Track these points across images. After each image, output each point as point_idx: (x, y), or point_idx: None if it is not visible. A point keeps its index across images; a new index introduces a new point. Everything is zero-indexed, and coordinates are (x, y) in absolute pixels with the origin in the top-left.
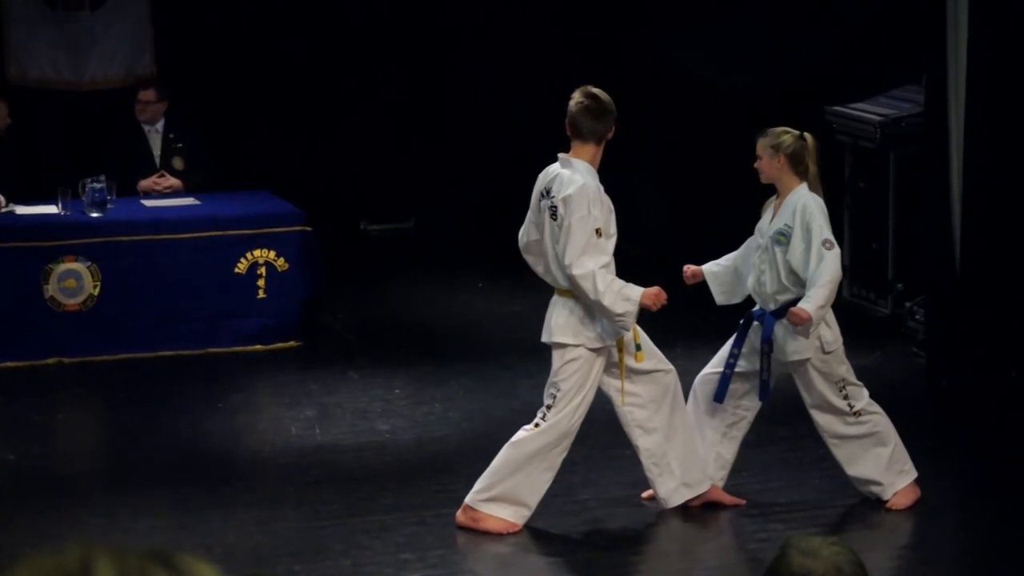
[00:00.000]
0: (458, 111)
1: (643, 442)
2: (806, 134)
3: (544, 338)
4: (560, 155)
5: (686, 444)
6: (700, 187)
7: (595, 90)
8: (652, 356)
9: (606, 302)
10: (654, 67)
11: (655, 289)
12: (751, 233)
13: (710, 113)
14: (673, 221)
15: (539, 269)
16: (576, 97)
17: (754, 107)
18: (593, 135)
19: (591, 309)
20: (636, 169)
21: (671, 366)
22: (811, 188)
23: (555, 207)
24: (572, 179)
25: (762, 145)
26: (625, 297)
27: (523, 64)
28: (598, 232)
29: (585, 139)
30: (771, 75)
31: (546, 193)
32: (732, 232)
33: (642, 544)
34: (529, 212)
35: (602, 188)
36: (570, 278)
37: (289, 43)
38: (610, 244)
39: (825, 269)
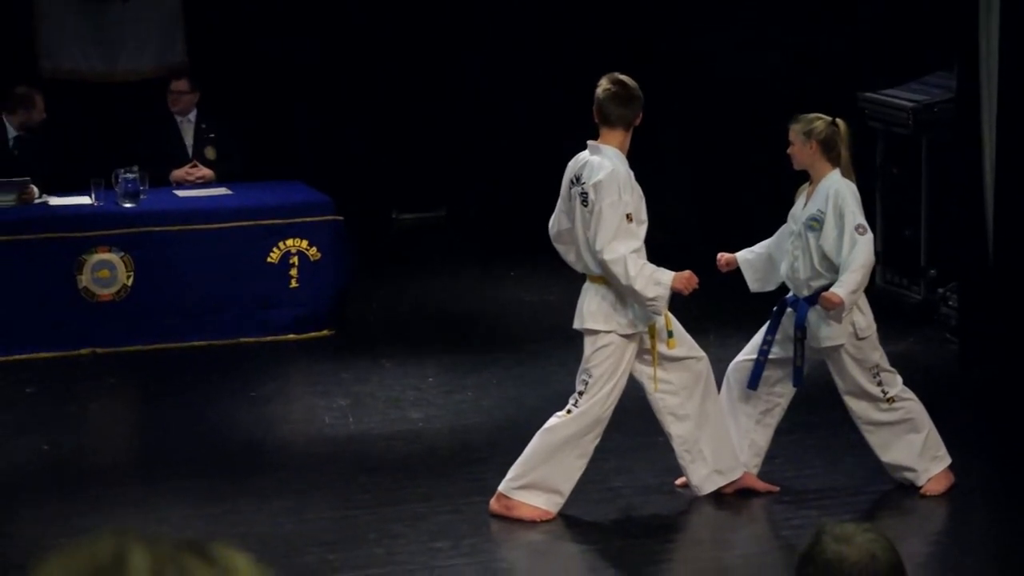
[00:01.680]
0: (489, 99)
1: (675, 429)
2: (838, 120)
3: (576, 325)
4: (589, 142)
5: (718, 431)
6: (729, 174)
7: (622, 76)
8: (684, 343)
9: (637, 287)
10: (682, 52)
11: (687, 273)
12: (780, 220)
13: (739, 100)
14: (701, 209)
15: (570, 257)
16: (603, 84)
17: (785, 93)
18: (621, 121)
19: (623, 295)
20: (663, 156)
21: (703, 353)
22: (844, 174)
23: (585, 193)
24: (602, 165)
25: (794, 131)
26: (656, 281)
27: (554, 52)
28: (629, 217)
29: (613, 125)
30: (803, 62)
31: (576, 180)
32: (760, 219)
33: (676, 532)
34: (559, 200)
35: (632, 174)
36: (601, 263)
37: (320, 33)
38: (641, 230)
39: (858, 254)
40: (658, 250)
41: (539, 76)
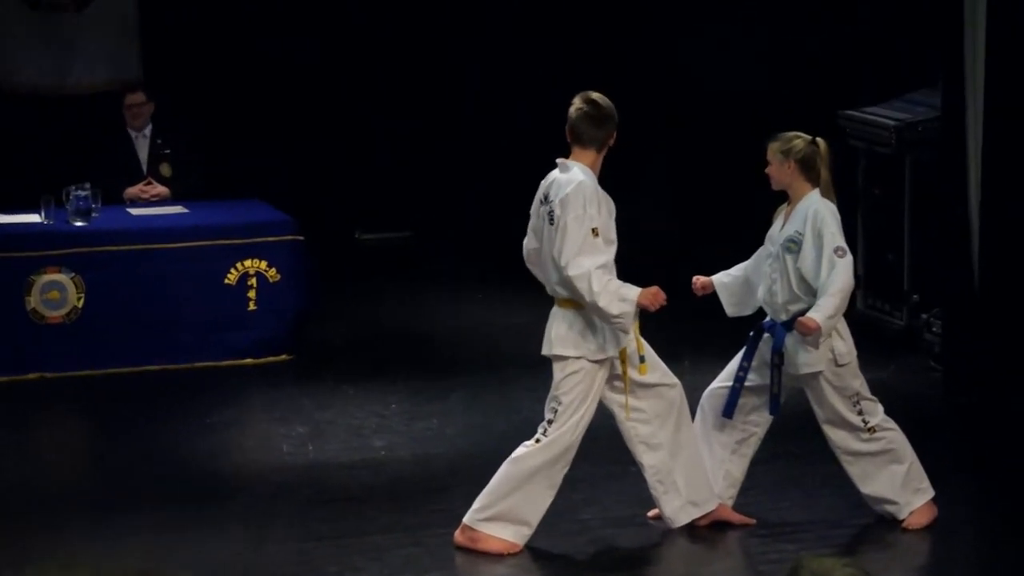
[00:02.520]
0: (456, 116)
1: (647, 459)
2: (818, 139)
3: (544, 351)
4: (559, 160)
5: (692, 461)
6: (708, 194)
7: (595, 96)
8: (656, 369)
9: (602, 303)
10: (660, 70)
11: (653, 289)
12: (761, 242)
13: (719, 117)
14: (680, 229)
15: (541, 278)
16: (576, 103)
17: (764, 111)
18: (594, 142)
19: (592, 320)
20: (642, 175)
21: (676, 380)
22: (823, 195)
23: (552, 211)
24: (569, 181)
25: (772, 150)
26: (622, 297)
27: (524, 69)
28: (595, 232)
29: (585, 146)
30: (782, 78)
31: (545, 199)
32: (741, 240)
33: (647, 565)
34: (531, 220)
35: (601, 190)
36: (566, 280)
37: (282, 48)
38: (611, 249)
39: (836, 278)
40: (636, 270)
41: (510, 94)
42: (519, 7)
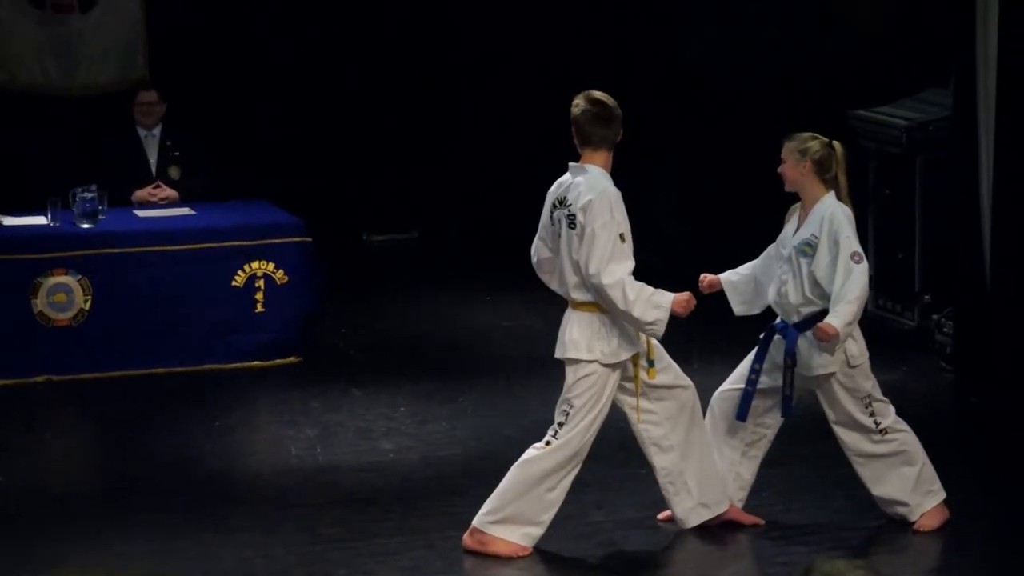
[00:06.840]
0: (464, 116)
1: (659, 461)
2: (835, 142)
3: (558, 353)
4: (571, 164)
5: (703, 463)
6: (718, 193)
7: (598, 95)
8: (669, 371)
9: (636, 312)
10: (669, 69)
11: (686, 295)
12: (771, 241)
13: (729, 117)
14: (689, 228)
15: (554, 285)
16: (581, 104)
17: (775, 111)
18: (605, 142)
19: (606, 324)
20: (651, 174)
21: (689, 382)
22: (839, 199)
23: (573, 215)
24: (590, 185)
25: (788, 149)
26: (656, 304)
27: (532, 68)
28: (621, 237)
29: (596, 147)
30: (793, 78)
31: (560, 203)
32: (751, 240)
33: (659, 568)
34: (540, 228)
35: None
36: (597, 288)
37: (289, 49)
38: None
39: (853, 284)
40: (645, 270)
41: (517, 93)
42: (525, 5)
